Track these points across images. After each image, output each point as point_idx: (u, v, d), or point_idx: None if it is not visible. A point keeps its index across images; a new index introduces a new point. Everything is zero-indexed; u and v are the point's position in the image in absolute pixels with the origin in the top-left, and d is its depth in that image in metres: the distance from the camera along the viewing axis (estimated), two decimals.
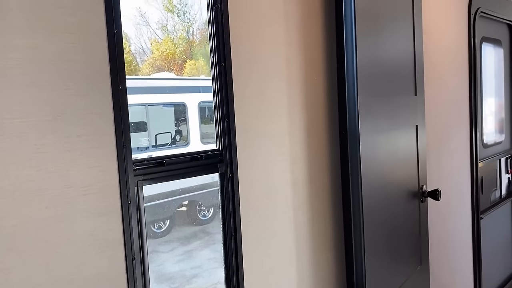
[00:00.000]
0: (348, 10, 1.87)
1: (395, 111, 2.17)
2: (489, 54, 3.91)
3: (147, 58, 9.89)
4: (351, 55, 1.84)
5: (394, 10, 2.23)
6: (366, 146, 1.95)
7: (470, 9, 3.44)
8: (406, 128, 2.30)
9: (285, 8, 1.87)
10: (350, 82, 1.86)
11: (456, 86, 3.30)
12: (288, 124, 1.91)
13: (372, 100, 1.97)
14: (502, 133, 4.14)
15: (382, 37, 2.12)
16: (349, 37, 1.88)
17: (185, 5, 9.62)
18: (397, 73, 2.21)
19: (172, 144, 8.20)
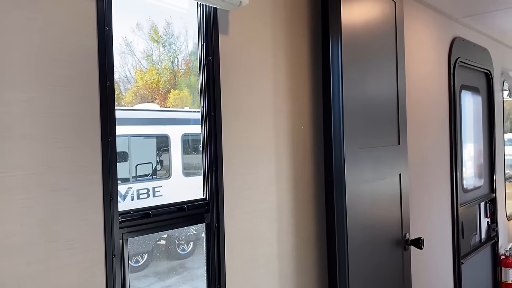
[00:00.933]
0: (335, 64, 1.92)
1: (379, 161, 2.20)
2: (468, 101, 4.05)
3: (131, 86, 9.90)
4: (338, 107, 1.88)
5: (378, 60, 2.30)
6: (351, 195, 1.97)
7: (450, 58, 3.58)
8: (390, 176, 2.34)
9: (274, 62, 1.92)
10: (336, 133, 1.89)
11: (437, 132, 3.38)
12: (275, 173, 1.92)
13: (357, 151, 2.00)
14: (481, 178, 4.23)
15: (367, 88, 2.18)
16: (336, 89, 1.93)
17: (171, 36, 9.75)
18: (381, 123, 2.27)
19: (153, 175, 8.12)
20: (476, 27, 4.07)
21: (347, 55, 1.94)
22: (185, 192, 8.00)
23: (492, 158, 4.38)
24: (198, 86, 1.70)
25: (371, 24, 2.22)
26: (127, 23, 8.03)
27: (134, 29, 8.88)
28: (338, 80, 1.91)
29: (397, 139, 2.43)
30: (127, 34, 8.43)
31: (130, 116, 8.24)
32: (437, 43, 3.45)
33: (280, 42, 1.96)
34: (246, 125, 1.79)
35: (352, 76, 1.99)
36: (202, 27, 1.67)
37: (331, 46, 1.92)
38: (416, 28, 3.14)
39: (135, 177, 7.88)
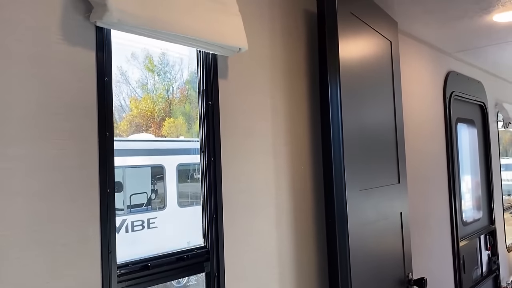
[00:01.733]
0: (334, 103, 1.92)
1: (380, 201, 2.18)
2: (464, 134, 4.07)
3: (126, 115, 9.90)
4: (338, 147, 1.87)
5: (376, 97, 2.31)
6: (354, 237, 1.93)
7: (445, 92, 3.61)
8: (392, 216, 2.31)
9: (272, 103, 1.92)
10: (337, 175, 1.87)
11: (435, 165, 3.38)
12: (275, 217, 1.88)
13: (359, 193, 1.98)
14: (480, 210, 4.21)
15: (366, 125, 2.17)
16: (336, 129, 1.92)
17: (166, 65, 9.81)
18: (381, 161, 2.25)
19: (147, 206, 8.02)
20: (469, 61, 4.13)
21: (346, 93, 1.94)
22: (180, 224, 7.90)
23: (490, 190, 4.37)
24: (192, 113, 1.69)
25: (368, 63, 2.24)
26: (123, 53, 8.10)
27: (129, 59, 8.95)
28: (338, 119, 1.90)
29: (397, 177, 2.41)
30: (122, 64, 8.49)
31: (125, 147, 8.20)
32: (432, 77, 3.48)
33: (279, 84, 1.96)
34: (246, 168, 1.77)
35: (351, 115, 1.99)
36: (201, 73, 1.67)
37: (330, 86, 1.92)
38: (411, 63, 3.18)
39: (130, 207, 7.79)
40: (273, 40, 1.94)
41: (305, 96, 2.09)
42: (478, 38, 3.40)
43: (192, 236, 8.18)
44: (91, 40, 1.29)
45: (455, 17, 2.81)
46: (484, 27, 3.07)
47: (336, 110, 1.86)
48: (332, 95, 1.87)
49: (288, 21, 2.03)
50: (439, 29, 3.10)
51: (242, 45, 1.59)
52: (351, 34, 2.04)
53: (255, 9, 1.87)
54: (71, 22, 1.24)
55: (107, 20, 1.21)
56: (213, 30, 1.48)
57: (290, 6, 2.06)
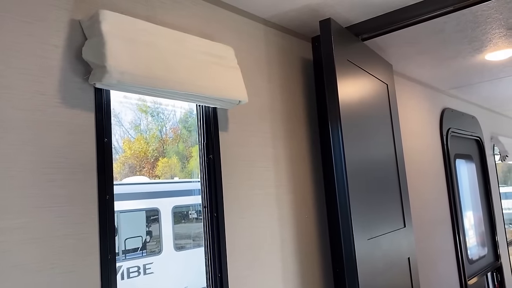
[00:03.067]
0: (336, 148, 1.89)
1: (388, 249, 2.11)
2: (463, 169, 4.05)
3: (119, 156, 9.83)
4: (343, 195, 1.82)
5: (376, 140, 2.28)
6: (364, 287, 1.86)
7: (441, 129, 3.61)
8: (399, 262, 2.24)
9: (274, 153, 1.88)
10: (344, 225, 1.82)
11: (437, 205, 3.33)
12: (282, 272, 1.81)
13: (367, 243, 1.92)
14: (484, 246, 4.13)
15: (368, 169, 2.14)
16: (340, 175, 1.88)
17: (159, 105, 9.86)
18: (385, 206, 2.20)
19: (143, 250, 7.85)
20: (463, 97, 4.17)
21: (347, 138, 1.91)
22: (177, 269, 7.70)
23: (493, 225, 4.31)
24: (186, 152, 1.64)
25: (367, 106, 2.23)
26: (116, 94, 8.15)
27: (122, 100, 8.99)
28: (341, 164, 1.86)
29: (403, 221, 2.36)
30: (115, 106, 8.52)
31: (119, 191, 8.10)
32: (429, 116, 3.49)
33: (279, 132, 1.93)
34: (250, 222, 1.72)
35: (353, 158, 1.95)
36: (202, 126, 1.64)
37: (331, 131, 1.89)
38: (408, 103, 3.19)
39: (125, 253, 7.60)
40: (271, 90, 1.93)
41: (305, 143, 2.06)
42: (471, 75, 3.44)
43: (189, 281, 7.94)
44: (90, 101, 1.26)
45: (448, 57, 2.85)
46: (477, 66, 3.11)
47: (339, 155, 1.82)
48: (334, 140, 1.84)
49: (285, 70, 2.03)
50: (433, 69, 3.13)
51: (242, 97, 1.58)
52: (349, 79, 2.04)
53: (253, 60, 1.87)
54: (69, 84, 1.22)
55: (106, 82, 1.19)
56: (212, 85, 1.46)
57: (287, 54, 2.07)
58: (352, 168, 1.90)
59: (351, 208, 1.80)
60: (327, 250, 2.06)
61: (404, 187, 2.46)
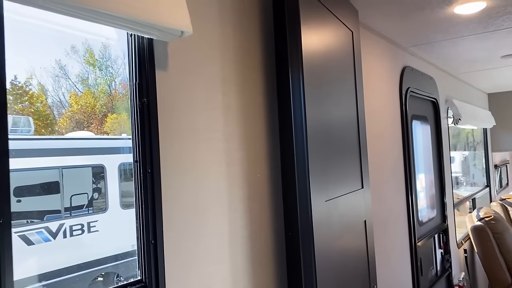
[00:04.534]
0: (297, 98, 1.64)
1: (346, 210, 1.94)
2: (418, 131, 3.96)
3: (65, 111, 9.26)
4: (302, 150, 1.59)
5: (339, 92, 2.06)
6: (320, 254, 1.67)
7: (401, 88, 3.46)
8: (356, 226, 2.08)
9: (223, 101, 1.61)
10: (301, 185, 1.60)
11: (392, 166, 3.22)
12: (228, 236, 1.58)
13: (325, 205, 1.72)
14: (434, 208, 4.14)
15: (330, 124, 1.92)
16: (299, 130, 1.65)
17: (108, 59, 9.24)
18: (345, 165, 2.01)
19: (88, 208, 7.50)
20: (423, 56, 4.03)
21: (309, 89, 1.67)
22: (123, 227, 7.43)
23: (443, 187, 4.32)
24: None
25: (331, 54, 1.99)
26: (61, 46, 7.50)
27: (68, 52, 8.33)
28: (301, 119, 1.62)
29: (361, 181, 2.19)
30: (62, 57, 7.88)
31: (63, 146, 7.59)
32: (389, 73, 3.32)
33: (231, 77, 1.65)
34: (193, 181, 1.45)
35: (315, 113, 1.72)
36: (134, 62, 1.33)
37: (291, 80, 1.64)
38: (369, 58, 2.98)
39: (70, 209, 7.24)
40: (222, 25, 1.63)
41: (260, 92, 1.80)
42: (435, 32, 3.27)
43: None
44: None
45: (417, 7, 2.63)
46: (444, 20, 2.93)
47: (300, 108, 1.58)
48: (294, 91, 1.59)
49: (239, 5, 1.73)
50: (398, 21, 2.92)
51: (185, 27, 1.27)
52: (313, 21, 1.77)
53: None
54: None
55: None
56: (146, 7, 1.14)
57: None
58: (313, 124, 1.67)
59: (309, 167, 1.58)
60: (280, 212, 1.85)
61: (364, 146, 2.27)
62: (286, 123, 1.78)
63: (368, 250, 2.19)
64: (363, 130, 2.29)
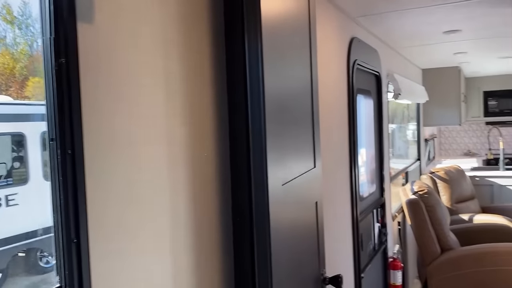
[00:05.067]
0: (254, 74, 1.40)
1: (300, 194, 1.77)
2: (362, 105, 3.89)
3: None
4: (259, 135, 1.37)
5: (295, 65, 1.85)
6: (276, 243, 1.49)
7: (349, 60, 3.33)
8: (308, 208, 1.93)
9: (165, 66, 1.33)
10: (257, 168, 1.39)
11: (338, 142, 3.11)
12: (170, 231, 1.34)
13: (282, 189, 1.52)
14: (373, 183, 4.15)
15: (286, 101, 1.71)
16: (256, 103, 1.42)
17: (28, 17, 8.36)
18: (300, 145, 1.83)
19: (7, 179, 6.86)
20: (369, 27, 3.92)
21: (267, 55, 1.43)
22: (45, 200, 6.89)
23: (382, 161, 4.33)
24: None
25: (287, 16, 1.76)
26: None
27: None
28: (259, 91, 1.39)
29: (313, 160, 2.03)
30: None
31: None
32: (338, 44, 3.16)
33: (173, 37, 1.37)
34: (127, 163, 1.19)
35: (273, 82, 1.49)
36: (48, 9, 1.02)
37: (248, 43, 1.40)
38: (320, 26, 2.78)
39: None
40: None
41: (208, 57, 1.54)
42: (386, 2, 3.15)
43: None
44: None
45: None
46: None
47: (257, 80, 1.35)
48: (251, 58, 1.36)
49: None
50: None
51: None
52: None
53: None
54: None
55: None
56: None
57: None
58: (271, 98, 1.45)
59: (267, 143, 1.37)
60: (228, 195, 1.63)
61: (317, 122, 2.10)
62: (236, 96, 1.54)
63: (319, 233, 2.05)
64: (317, 104, 2.11)
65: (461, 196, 6.65)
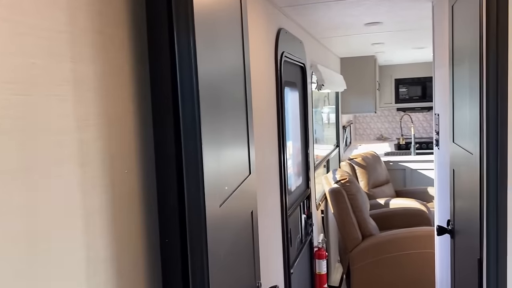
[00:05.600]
0: (185, 69, 1.19)
1: (237, 209, 1.60)
2: (289, 98, 3.81)
3: None
4: (194, 151, 1.17)
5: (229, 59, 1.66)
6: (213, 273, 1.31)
7: (276, 52, 3.20)
8: (245, 222, 1.77)
9: (74, 69, 1.07)
10: (193, 191, 1.18)
11: (268, 138, 2.98)
12: (86, 267, 1.10)
13: (219, 211, 1.33)
14: (300, 176, 4.11)
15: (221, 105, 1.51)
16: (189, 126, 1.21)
17: None
18: (237, 153, 1.65)
19: None
20: (295, 18, 3.82)
21: (201, 48, 1.23)
22: None
23: (307, 153, 4.31)
24: None
25: (220, 4, 1.55)
26: None
27: None
28: (192, 91, 1.18)
29: (249, 166, 1.87)
30: None
31: None
32: (266, 35, 3.01)
33: (83, 35, 1.11)
34: (25, 194, 0.92)
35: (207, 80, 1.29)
36: None
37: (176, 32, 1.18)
38: (248, 17, 2.60)
39: None
40: None
41: (130, 54, 1.29)
42: None
43: None
44: None
45: None
46: None
47: (189, 75, 1.14)
48: (181, 48, 1.14)
49: None
50: None
51: None
52: None
53: None
54: None
55: None
56: None
57: None
58: (206, 99, 1.25)
59: (203, 161, 1.17)
60: (155, 214, 1.41)
61: (251, 121, 1.94)
62: (162, 99, 1.32)
63: (254, 243, 1.91)
64: (250, 101, 1.95)
65: (377, 181, 6.95)
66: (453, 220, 2.63)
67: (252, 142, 1.96)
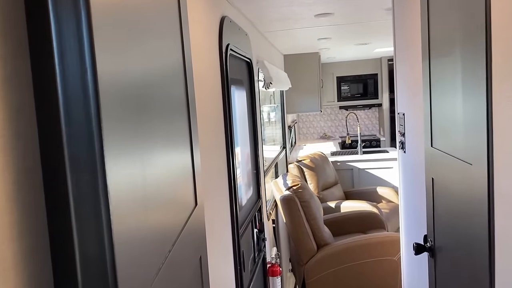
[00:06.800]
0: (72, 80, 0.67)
1: (181, 264, 1.08)
2: (235, 98, 3.32)
3: None
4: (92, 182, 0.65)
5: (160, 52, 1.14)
6: None
7: (221, 44, 2.69)
8: (190, 269, 1.26)
9: None
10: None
11: (216, 152, 2.48)
12: None
13: None
14: (250, 186, 3.64)
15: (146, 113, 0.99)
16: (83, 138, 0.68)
17: None
18: (176, 184, 1.13)
19: None
20: (240, 7, 3.34)
21: (99, 34, 0.71)
22: None
23: (257, 160, 3.86)
24: None
25: None
26: None
27: None
28: (86, 94, 0.66)
29: (194, 196, 1.35)
30: None
31: None
32: (209, 23, 2.50)
33: None
34: None
35: (117, 86, 0.77)
36: None
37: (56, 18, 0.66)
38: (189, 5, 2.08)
39: None
40: None
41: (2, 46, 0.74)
42: None
43: None
44: None
45: None
46: None
47: (79, 73, 0.63)
48: (63, 39, 0.63)
49: None
50: None
51: None
52: None
53: None
54: None
55: None
56: None
57: None
58: (119, 106, 0.73)
59: (110, 195, 0.65)
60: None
61: (195, 130, 1.43)
62: (48, 96, 0.77)
63: (203, 285, 1.41)
64: (194, 108, 1.44)
65: (327, 183, 6.66)
66: (432, 237, 2.27)
67: (197, 157, 1.45)
